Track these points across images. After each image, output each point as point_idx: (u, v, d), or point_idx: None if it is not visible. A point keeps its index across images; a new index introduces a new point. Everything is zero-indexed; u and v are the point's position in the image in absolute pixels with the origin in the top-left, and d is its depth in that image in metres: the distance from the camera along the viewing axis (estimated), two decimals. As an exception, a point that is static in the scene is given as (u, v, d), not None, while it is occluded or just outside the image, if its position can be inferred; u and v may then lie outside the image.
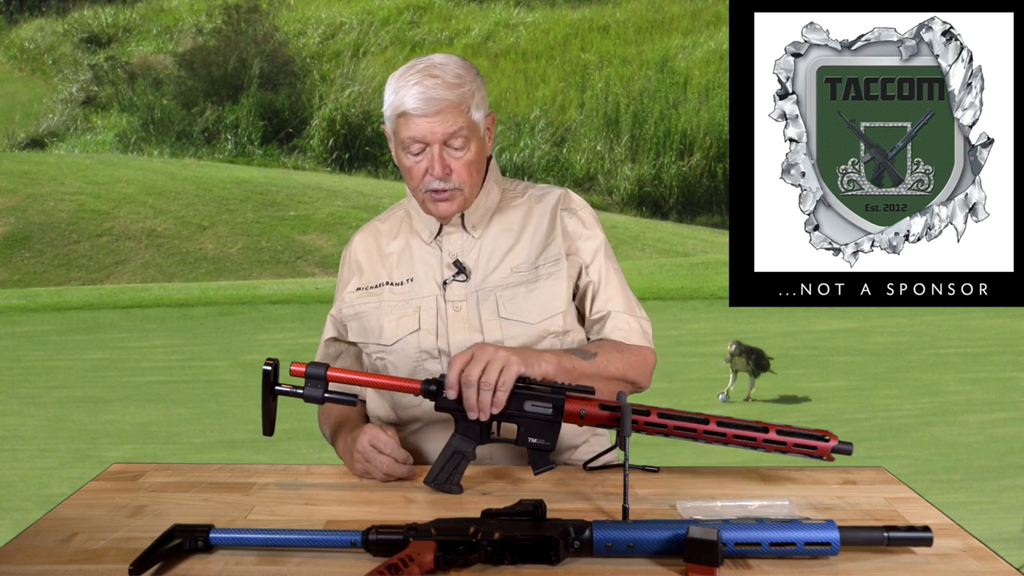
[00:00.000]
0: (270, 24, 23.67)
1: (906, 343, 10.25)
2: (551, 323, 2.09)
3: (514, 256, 2.13)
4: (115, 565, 1.54)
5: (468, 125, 2.06)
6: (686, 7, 24.11)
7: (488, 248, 2.14)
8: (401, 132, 2.06)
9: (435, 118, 2.03)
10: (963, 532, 1.69)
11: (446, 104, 2.03)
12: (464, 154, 2.06)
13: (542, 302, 2.10)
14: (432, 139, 2.04)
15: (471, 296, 2.10)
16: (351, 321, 2.18)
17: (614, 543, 1.54)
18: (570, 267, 2.13)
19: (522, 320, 2.08)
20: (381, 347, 2.13)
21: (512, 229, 2.16)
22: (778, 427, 1.84)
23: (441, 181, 2.06)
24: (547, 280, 2.11)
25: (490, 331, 2.08)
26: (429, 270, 2.14)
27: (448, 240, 2.15)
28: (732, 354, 8.35)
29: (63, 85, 23.73)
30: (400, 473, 1.92)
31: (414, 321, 2.11)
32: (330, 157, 21.21)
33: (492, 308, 2.09)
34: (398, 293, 2.14)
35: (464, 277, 2.11)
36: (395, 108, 2.06)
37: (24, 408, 8.16)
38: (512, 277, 2.11)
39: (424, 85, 2.03)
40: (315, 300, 12.27)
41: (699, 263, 15.13)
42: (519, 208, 2.19)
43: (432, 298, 2.11)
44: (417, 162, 2.07)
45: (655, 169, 20.61)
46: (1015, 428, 7.34)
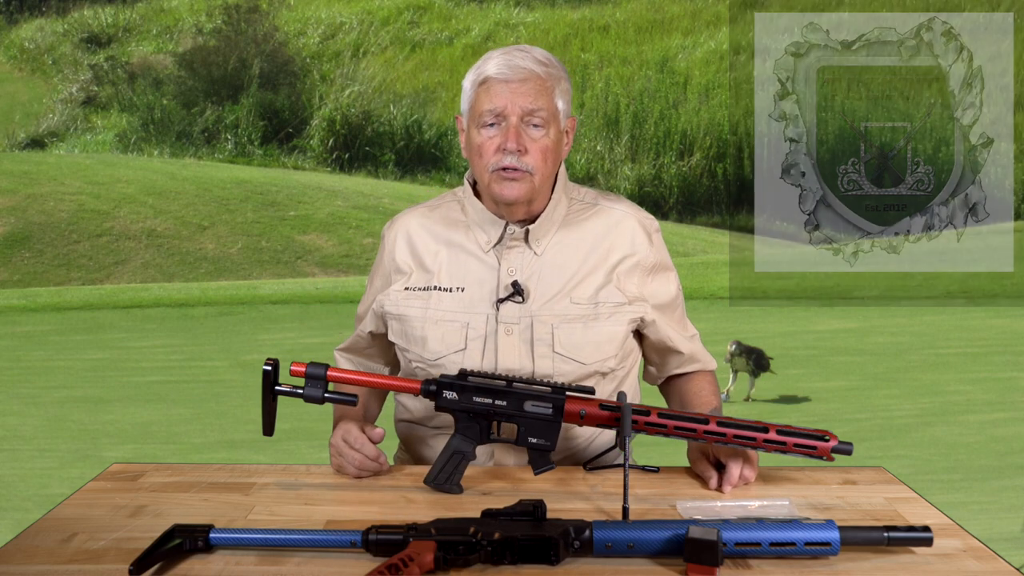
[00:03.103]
0: (270, 24, 23.66)
1: (906, 343, 10.25)
2: (603, 365, 2.03)
3: (575, 285, 2.02)
4: (115, 565, 1.54)
5: (550, 108, 1.97)
6: (686, 7, 24.11)
7: (550, 269, 2.02)
8: (479, 103, 1.96)
9: (518, 86, 1.94)
10: (963, 532, 1.69)
11: (532, 75, 1.95)
12: (542, 137, 1.96)
13: (598, 343, 2.02)
14: (511, 110, 1.94)
15: (524, 320, 2.00)
16: (393, 321, 2.09)
17: (614, 543, 1.54)
18: (634, 312, 2.05)
19: (576, 359, 2.01)
20: (423, 359, 2.05)
21: (576, 251, 2.04)
22: (778, 427, 1.84)
23: (514, 157, 1.95)
24: (607, 320, 2.02)
25: (541, 365, 2.00)
26: (483, 284, 2.03)
27: (508, 255, 2.03)
28: (732, 354, 8.34)
29: (63, 85, 23.72)
30: (371, 469, 1.91)
31: (460, 339, 2.01)
32: (330, 157, 21.21)
33: (546, 340, 2.00)
34: (446, 302, 2.03)
35: (520, 299, 2.01)
36: (477, 77, 1.97)
37: (24, 408, 8.16)
38: (571, 308, 2.01)
39: (512, 55, 1.96)
40: (315, 300, 12.26)
41: (699, 263, 15.13)
42: (586, 225, 2.06)
43: (483, 316, 2.01)
44: (491, 136, 1.96)
45: (655, 169, 20.60)
46: (1015, 428, 7.33)
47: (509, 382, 1.87)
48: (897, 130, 2.40)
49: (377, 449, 1.92)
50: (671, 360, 2.18)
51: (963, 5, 23.30)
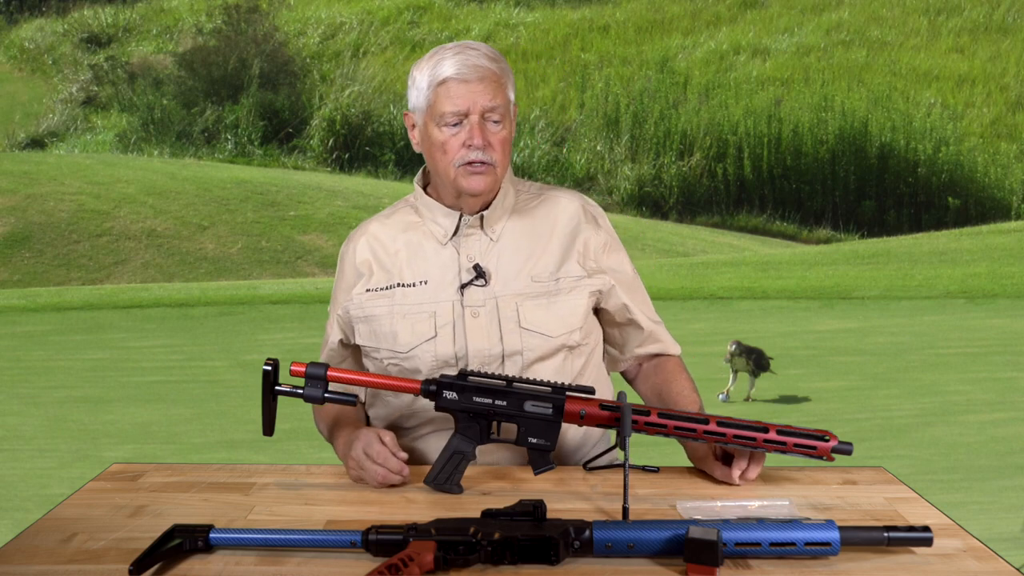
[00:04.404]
0: (270, 24, 23.68)
1: (906, 343, 10.25)
2: (568, 338, 2.07)
3: (534, 264, 2.08)
4: (115, 565, 1.54)
5: (505, 103, 2.03)
6: (686, 7, 24.11)
7: (508, 253, 2.08)
8: (439, 104, 2.01)
9: (477, 85, 1.99)
10: (963, 532, 1.69)
11: (488, 74, 2.01)
12: (501, 131, 2.03)
13: (562, 316, 2.06)
14: (473, 108, 1.99)
15: (489, 301, 2.05)
16: (360, 324, 2.12)
17: (614, 543, 1.54)
18: (593, 284, 2.10)
19: (542, 332, 2.05)
20: (395, 354, 2.07)
21: (530, 234, 2.11)
22: (778, 427, 1.84)
23: (479, 152, 2.01)
24: (568, 294, 2.07)
25: (510, 341, 2.04)
26: (445, 273, 2.07)
27: (466, 242, 2.08)
28: (732, 354, 8.34)
29: (63, 85, 23.74)
30: (394, 481, 1.90)
31: (430, 327, 2.05)
32: (330, 157, 21.22)
33: (512, 317, 2.05)
34: (411, 296, 2.07)
35: (483, 282, 2.06)
36: (433, 78, 2.01)
37: (24, 408, 8.16)
38: (532, 287, 2.07)
39: (466, 55, 2.02)
40: (315, 300, 12.27)
41: (699, 263, 15.13)
42: (536, 212, 2.13)
43: (448, 303, 2.06)
44: (454, 134, 2.01)
45: (655, 169, 20.60)
46: (1015, 428, 7.33)
47: (509, 382, 1.87)
48: (897, 130, 2.32)
49: (400, 462, 1.90)
50: (631, 336, 2.19)
51: (963, 5, 23.31)
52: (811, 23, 23.31)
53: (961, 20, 22.90)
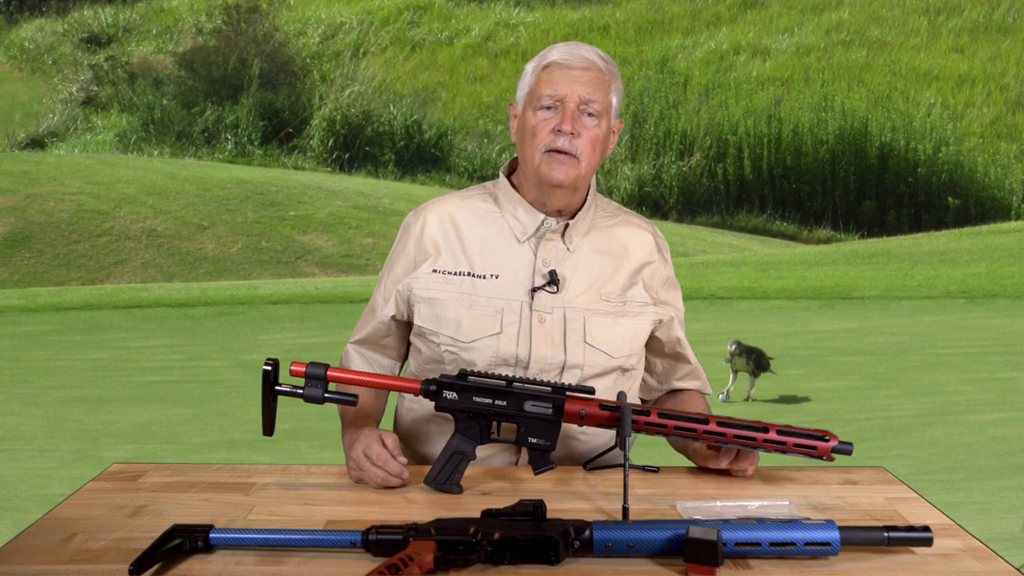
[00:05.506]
0: (270, 24, 23.68)
1: (906, 343, 10.25)
2: (627, 360, 2.09)
3: (604, 283, 2.08)
4: (115, 565, 1.54)
5: (605, 102, 2.03)
6: (686, 7, 24.11)
7: (583, 266, 2.08)
8: (538, 87, 2.02)
9: (579, 74, 2.00)
10: (963, 532, 1.69)
11: (593, 66, 2.02)
12: (594, 127, 2.02)
13: (626, 338, 2.07)
14: (570, 96, 1.99)
15: (557, 310, 2.04)
16: (421, 304, 2.08)
17: (614, 543, 1.54)
18: (657, 312, 2.11)
19: (605, 351, 2.05)
20: (456, 342, 2.05)
21: (604, 253, 2.10)
22: (778, 427, 1.84)
23: (567, 139, 1.99)
24: (634, 318, 2.08)
25: (573, 353, 2.04)
26: (518, 272, 2.06)
27: (544, 246, 2.07)
28: (732, 354, 8.34)
29: (63, 85, 23.73)
30: (393, 484, 1.89)
31: (496, 323, 2.03)
32: (330, 157, 21.21)
33: (578, 330, 2.04)
34: (480, 287, 2.05)
35: (555, 288, 2.05)
36: (539, 63, 2.04)
37: (24, 408, 8.16)
38: (601, 304, 2.06)
39: (576, 46, 2.04)
40: (315, 300, 12.26)
41: (699, 263, 15.13)
42: (612, 232, 2.13)
43: (518, 303, 2.04)
44: (546, 118, 2.01)
45: (655, 169, 20.60)
46: (1015, 428, 7.33)
47: (509, 382, 1.87)
48: (897, 130, 2.34)
49: (400, 465, 1.89)
50: (678, 368, 2.21)
51: (963, 5, 23.30)
52: (811, 23, 23.31)
53: (961, 20, 22.90)
